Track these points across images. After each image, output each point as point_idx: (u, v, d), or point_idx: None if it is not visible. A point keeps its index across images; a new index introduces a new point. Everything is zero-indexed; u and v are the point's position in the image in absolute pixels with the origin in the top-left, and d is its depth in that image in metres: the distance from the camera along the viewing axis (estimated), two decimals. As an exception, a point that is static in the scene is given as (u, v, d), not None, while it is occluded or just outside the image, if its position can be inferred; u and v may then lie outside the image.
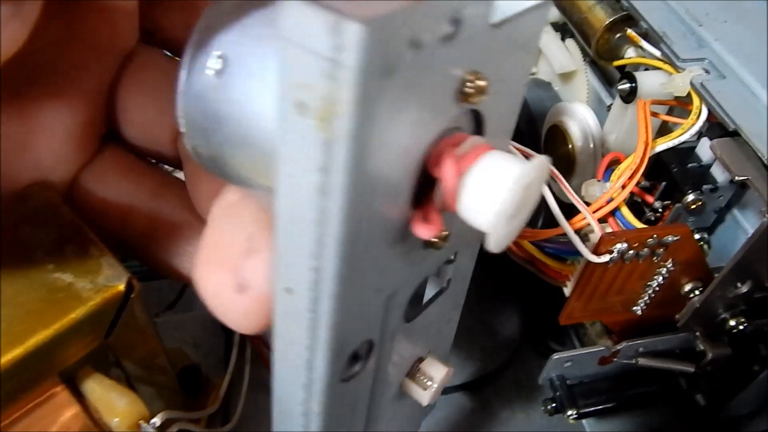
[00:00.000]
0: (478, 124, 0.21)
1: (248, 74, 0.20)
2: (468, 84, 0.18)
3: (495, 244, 0.19)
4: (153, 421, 0.24)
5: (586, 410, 0.38)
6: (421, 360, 0.28)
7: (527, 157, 0.34)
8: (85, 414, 0.23)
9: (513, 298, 0.53)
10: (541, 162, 0.19)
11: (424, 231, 0.19)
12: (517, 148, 0.34)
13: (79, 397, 0.24)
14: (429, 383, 0.28)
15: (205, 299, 0.22)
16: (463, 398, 0.47)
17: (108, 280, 0.23)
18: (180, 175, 0.30)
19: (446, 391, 0.47)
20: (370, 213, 0.18)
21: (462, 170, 0.18)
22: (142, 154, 0.30)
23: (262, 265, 0.21)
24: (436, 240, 0.21)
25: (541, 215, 0.41)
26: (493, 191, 0.18)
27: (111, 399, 0.23)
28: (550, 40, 0.45)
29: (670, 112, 0.36)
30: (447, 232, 0.21)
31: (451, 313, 0.30)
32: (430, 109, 0.17)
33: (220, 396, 0.35)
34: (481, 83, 0.18)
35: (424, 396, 0.28)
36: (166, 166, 0.32)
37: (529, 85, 0.47)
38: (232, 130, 0.21)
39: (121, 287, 0.23)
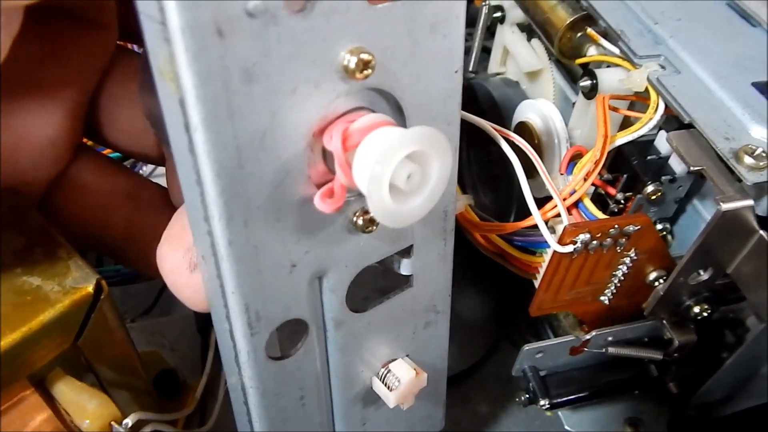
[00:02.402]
0: (399, 111, 0.21)
1: None
2: (349, 58, 0.18)
3: (380, 215, 0.19)
4: (125, 422, 0.25)
5: (559, 400, 0.39)
6: (392, 361, 0.29)
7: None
8: (56, 417, 0.24)
9: (489, 293, 0.54)
10: (421, 133, 0.19)
11: (321, 204, 0.20)
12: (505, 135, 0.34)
13: (50, 400, 0.24)
14: (396, 384, 0.28)
15: (163, 275, 0.23)
16: (442, 394, 0.48)
17: (76, 282, 0.23)
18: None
19: (425, 388, 0.47)
20: (252, 177, 0.18)
21: (353, 144, 0.19)
22: (127, 155, 0.30)
23: None
24: (360, 221, 0.22)
25: (513, 210, 0.42)
26: (369, 157, 0.19)
27: (81, 401, 0.24)
28: (516, 40, 0.46)
29: (631, 107, 0.37)
30: (371, 215, 0.21)
31: (428, 316, 0.30)
32: (308, 81, 0.18)
33: (196, 397, 0.36)
34: (365, 57, 0.18)
35: (389, 397, 0.28)
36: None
37: (498, 85, 0.48)
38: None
39: (90, 289, 0.23)
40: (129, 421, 0.25)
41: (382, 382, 0.28)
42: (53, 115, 0.26)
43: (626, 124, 0.37)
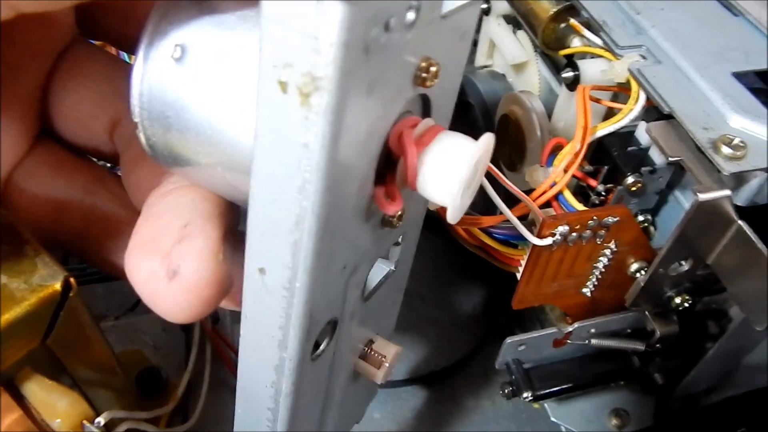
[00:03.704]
0: (425, 108, 0.22)
1: (210, 60, 0.21)
2: (423, 69, 0.19)
3: (452, 216, 0.20)
4: (97, 420, 0.24)
5: (542, 392, 0.39)
6: (372, 342, 0.29)
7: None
8: (27, 417, 0.23)
9: (477, 287, 0.54)
10: (489, 140, 0.20)
11: (389, 207, 0.21)
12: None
13: (20, 399, 0.24)
14: (383, 362, 0.29)
15: (136, 287, 0.22)
16: (431, 389, 0.48)
17: (43, 280, 0.23)
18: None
19: (413, 382, 0.47)
20: (343, 188, 0.19)
21: (420, 149, 0.20)
22: (78, 149, 0.29)
23: (193, 251, 0.21)
24: (393, 218, 0.22)
25: (497, 205, 0.42)
26: (453, 167, 0.20)
27: (52, 400, 0.23)
28: (502, 32, 0.46)
29: (614, 98, 0.37)
30: (401, 211, 0.22)
31: (396, 295, 0.31)
32: (393, 91, 0.19)
33: (178, 395, 0.35)
34: (434, 68, 0.19)
35: (378, 375, 0.29)
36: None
37: (485, 77, 0.48)
38: (193, 114, 0.21)
39: (57, 286, 0.23)
40: (101, 420, 0.25)
41: (366, 361, 0.29)
42: (7, 101, 0.25)
43: (610, 115, 0.37)
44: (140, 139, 0.23)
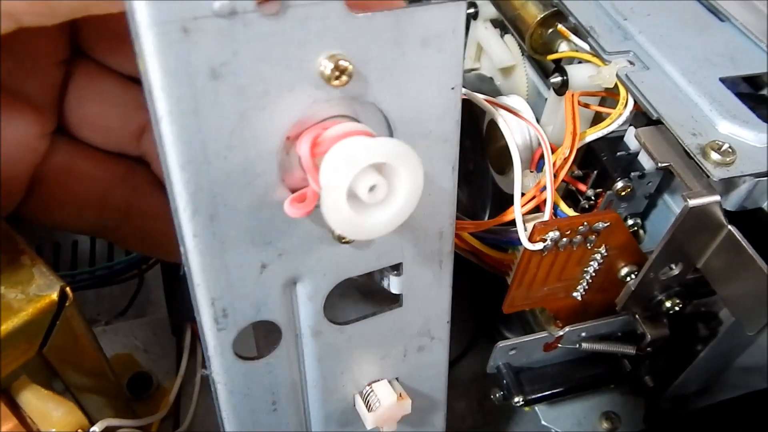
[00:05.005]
0: (389, 124, 0.21)
1: None
2: (325, 65, 0.18)
3: (335, 223, 0.19)
4: (92, 429, 0.24)
5: (533, 396, 0.39)
6: (375, 381, 0.28)
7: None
8: (23, 426, 0.23)
9: (466, 289, 0.54)
10: (387, 145, 0.18)
11: (290, 208, 0.19)
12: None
13: (15, 409, 0.23)
14: (375, 405, 0.27)
15: None
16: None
17: (40, 290, 0.23)
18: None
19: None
20: (219, 173, 0.19)
21: (323, 150, 0.19)
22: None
23: None
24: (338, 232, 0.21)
25: (488, 206, 0.42)
26: (329, 167, 0.18)
27: (47, 409, 0.23)
28: (489, 36, 0.46)
29: (602, 103, 0.38)
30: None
31: (422, 341, 0.28)
32: (281, 85, 0.18)
33: (170, 400, 0.35)
34: (342, 64, 0.18)
35: (368, 418, 0.27)
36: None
37: (472, 81, 0.48)
38: None
39: (54, 296, 0.23)
40: (96, 429, 0.25)
41: (364, 402, 0.27)
42: (20, 107, 0.26)
43: (598, 120, 0.37)
44: None
